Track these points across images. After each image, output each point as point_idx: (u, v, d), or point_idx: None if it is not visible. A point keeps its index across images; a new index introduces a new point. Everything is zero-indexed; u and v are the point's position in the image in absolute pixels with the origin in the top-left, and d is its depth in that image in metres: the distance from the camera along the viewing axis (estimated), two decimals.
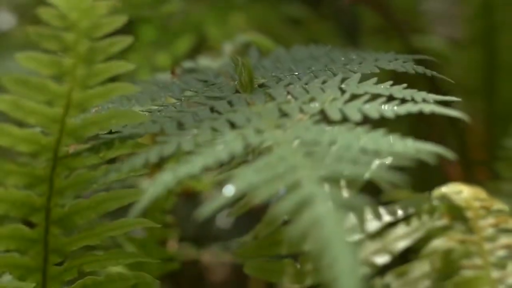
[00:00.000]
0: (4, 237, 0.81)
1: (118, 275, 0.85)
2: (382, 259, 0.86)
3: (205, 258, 1.34)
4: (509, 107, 1.45)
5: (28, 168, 0.80)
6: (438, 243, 0.86)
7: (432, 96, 0.80)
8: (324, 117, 0.77)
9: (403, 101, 0.79)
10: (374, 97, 0.78)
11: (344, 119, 0.75)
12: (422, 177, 1.29)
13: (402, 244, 0.86)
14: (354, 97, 0.79)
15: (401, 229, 0.86)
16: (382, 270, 0.86)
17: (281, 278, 0.84)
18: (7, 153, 0.84)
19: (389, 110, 0.76)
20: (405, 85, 0.81)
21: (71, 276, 0.84)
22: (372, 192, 1.07)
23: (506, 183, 1.18)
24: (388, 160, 0.79)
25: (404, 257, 0.87)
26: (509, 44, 1.47)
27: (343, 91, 0.80)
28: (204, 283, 1.54)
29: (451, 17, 1.62)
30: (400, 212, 0.86)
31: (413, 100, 0.79)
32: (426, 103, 0.78)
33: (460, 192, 0.88)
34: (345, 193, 0.67)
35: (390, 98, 0.79)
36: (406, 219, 0.86)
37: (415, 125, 1.39)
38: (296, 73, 0.88)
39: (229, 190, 0.66)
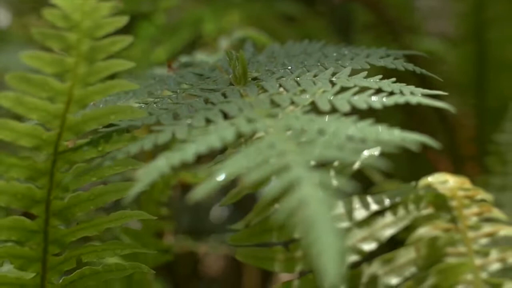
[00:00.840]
0: (6, 228, 0.83)
1: (115, 265, 0.86)
2: (369, 246, 0.87)
3: (201, 250, 1.35)
4: (500, 103, 1.46)
5: (30, 161, 0.82)
6: (424, 231, 0.89)
7: (419, 90, 0.82)
8: (315, 108, 0.78)
9: (393, 95, 0.81)
10: (364, 90, 0.80)
11: (334, 110, 0.77)
12: (413, 172, 1.32)
13: (389, 232, 0.87)
14: (344, 89, 0.81)
15: (388, 218, 0.88)
16: (369, 257, 0.88)
17: (272, 264, 0.86)
18: (9, 147, 0.86)
19: (377, 101, 0.79)
20: (394, 79, 0.83)
21: (70, 266, 0.86)
22: (365, 183, 1.10)
23: (495, 177, 1.22)
24: (377, 151, 0.83)
25: (391, 245, 0.89)
26: (500, 40, 1.50)
27: (333, 84, 0.83)
28: (199, 275, 1.56)
29: (444, 13, 1.63)
30: (387, 201, 0.87)
31: (401, 93, 0.81)
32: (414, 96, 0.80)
33: (445, 182, 0.90)
34: (335, 182, 0.69)
35: (380, 93, 0.81)
36: (393, 208, 0.88)
37: (406, 122, 1.42)
38: (289, 68, 0.91)
39: (222, 177, 0.68)
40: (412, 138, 0.73)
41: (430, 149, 1.38)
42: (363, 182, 1.12)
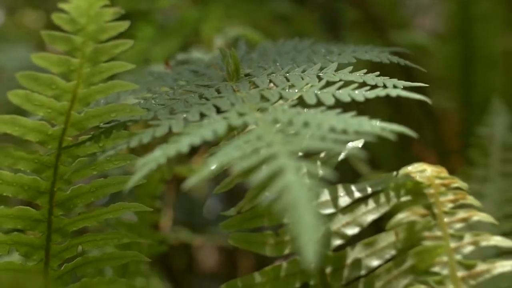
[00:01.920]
0: (12, 217, 0.88)
1: (117, 253, 0.91)
2: (352, 231, 0.92)
3: (196, 242, 1.39)
4: (485, 98, 1.51)
5: (36, 155, 0.87)
6: (403, 216, 0.93)
7: (401, 83, 0.86)
8: (303, 102, 0.83)
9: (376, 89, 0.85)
10: (350, 84, 0.85)
11: (321, 104, 0.82)
12: (400, 166, 1.39)
13: (370, 218, 0.92)
14: (330, 83, 0.85)
15: (370, 204, 0.92)
16: (352, 241, 0.93)
17: (263, 248, 0.91)
18: (14, 140, 0.90)
19: (360, 94, 0.83)
20: (377, 73, 0.88)
21: (71, 254, 0.91)
22: (353, 174, 1.16)
23: (478, 169, 1.26)
24: (360, 143, 0.88)
25: (372, 229, 0.93)
26: (486, 37, 1.56)
27: (320, 79, 0.87)
28: (194, 270, 1.60)
29: (432, 10, 1.69)
30: (369, 189, 0.92)
31: (385, 87, 0.85)
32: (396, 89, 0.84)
33: (423, 170, 0.94)
34: (320, 171, 0.75)
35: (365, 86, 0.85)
36: (375, 195, 0.92)
37: (393, 118, 1.47)
38: (279, 64, 0.96)
39: (214, 167, 0.72)
40: (391, 129, 0.78)
41: (416, 143, 1.46)
42: (351, 174, 1.19)
